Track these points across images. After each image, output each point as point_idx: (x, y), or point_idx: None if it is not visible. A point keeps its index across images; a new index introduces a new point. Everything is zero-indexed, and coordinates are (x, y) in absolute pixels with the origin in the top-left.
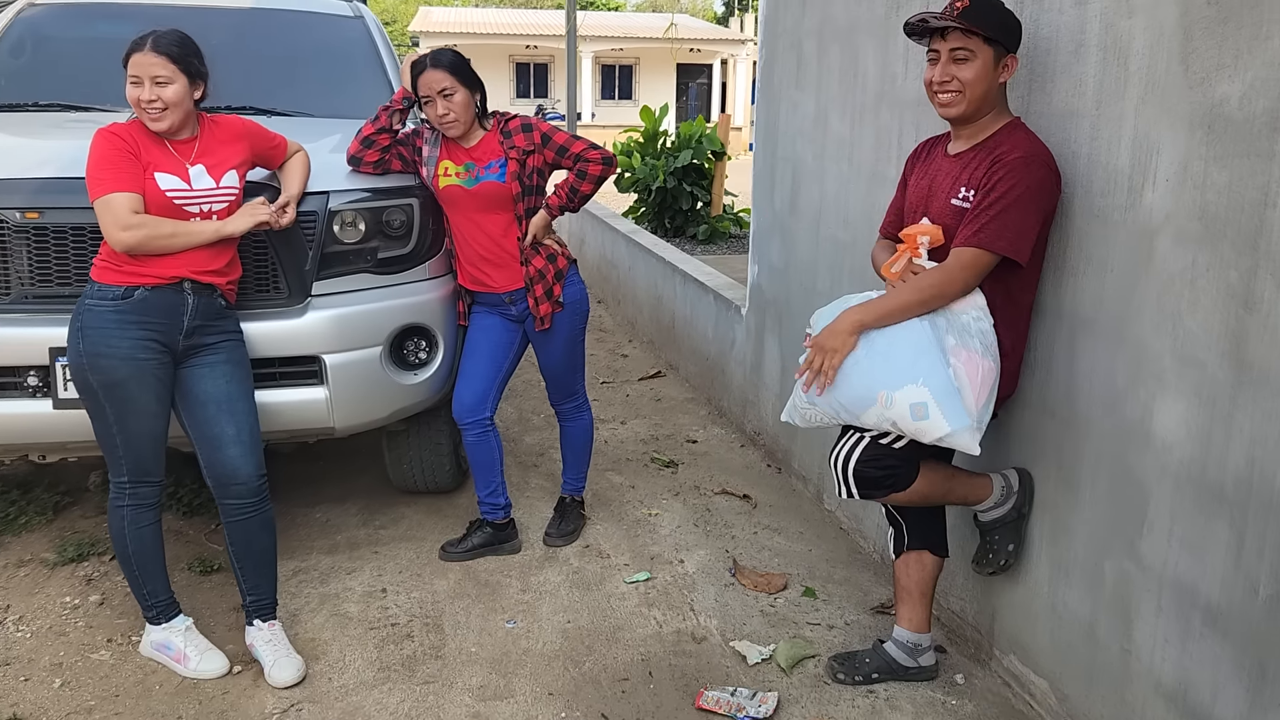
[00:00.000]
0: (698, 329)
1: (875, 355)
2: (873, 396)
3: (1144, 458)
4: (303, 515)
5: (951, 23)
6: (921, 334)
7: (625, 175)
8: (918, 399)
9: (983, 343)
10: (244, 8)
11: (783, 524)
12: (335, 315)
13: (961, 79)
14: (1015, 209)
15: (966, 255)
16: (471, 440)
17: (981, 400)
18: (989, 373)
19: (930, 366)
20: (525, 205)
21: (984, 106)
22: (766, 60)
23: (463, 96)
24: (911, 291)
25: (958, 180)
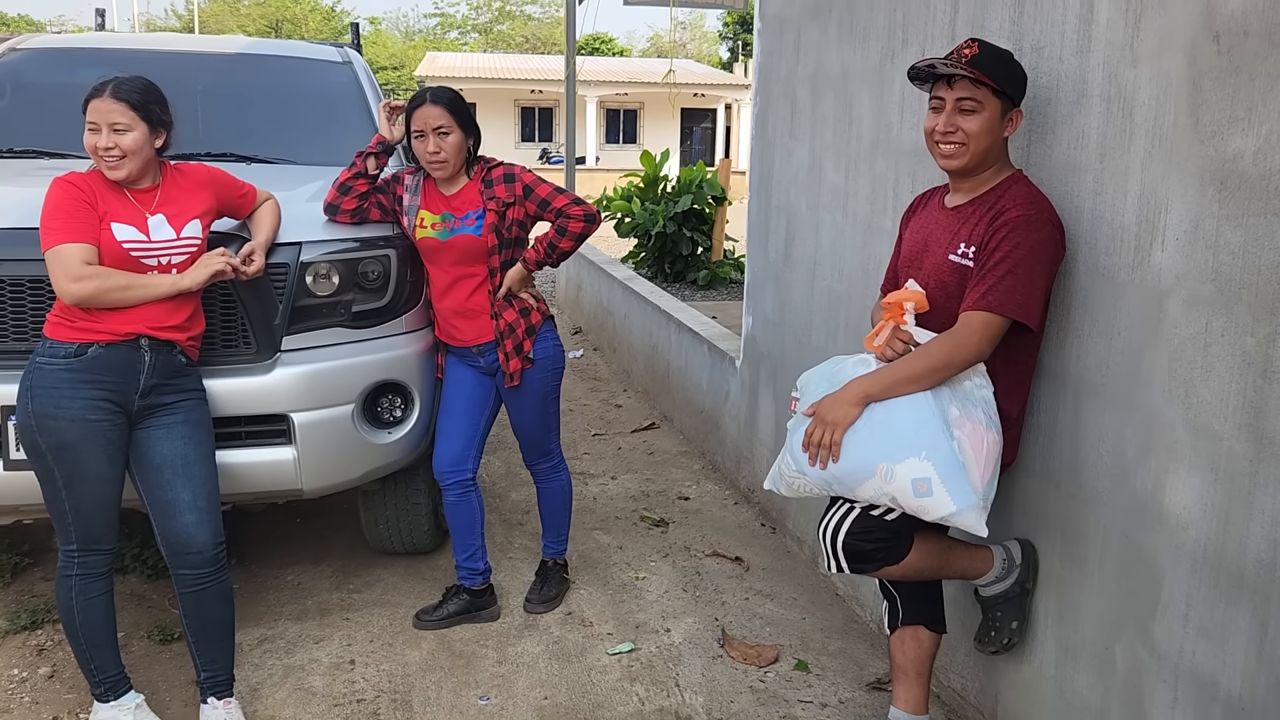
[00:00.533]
0: (692, 380)
1: (874, 425)
2: (871, 469)
3: (1156, 535)
4: (274, 578)
5: (961, 71)
6: (923, 403)
7: (625, 220)
8: (920, 474)
9: (986, 413)
10: (231, 53)
11: (776, 589)
12: (305, 371)
13: (967, 130)
14: (1023, 269)
15: (977, 320)
16: (452, 500)
17: (986, 476)
18: (994, 446)
19: (933, 439)
20: (502, 258)
21: (987, 160)
22: (761, 107)
23: (457, 138)
24: (921, 360)
25: (956, 235)
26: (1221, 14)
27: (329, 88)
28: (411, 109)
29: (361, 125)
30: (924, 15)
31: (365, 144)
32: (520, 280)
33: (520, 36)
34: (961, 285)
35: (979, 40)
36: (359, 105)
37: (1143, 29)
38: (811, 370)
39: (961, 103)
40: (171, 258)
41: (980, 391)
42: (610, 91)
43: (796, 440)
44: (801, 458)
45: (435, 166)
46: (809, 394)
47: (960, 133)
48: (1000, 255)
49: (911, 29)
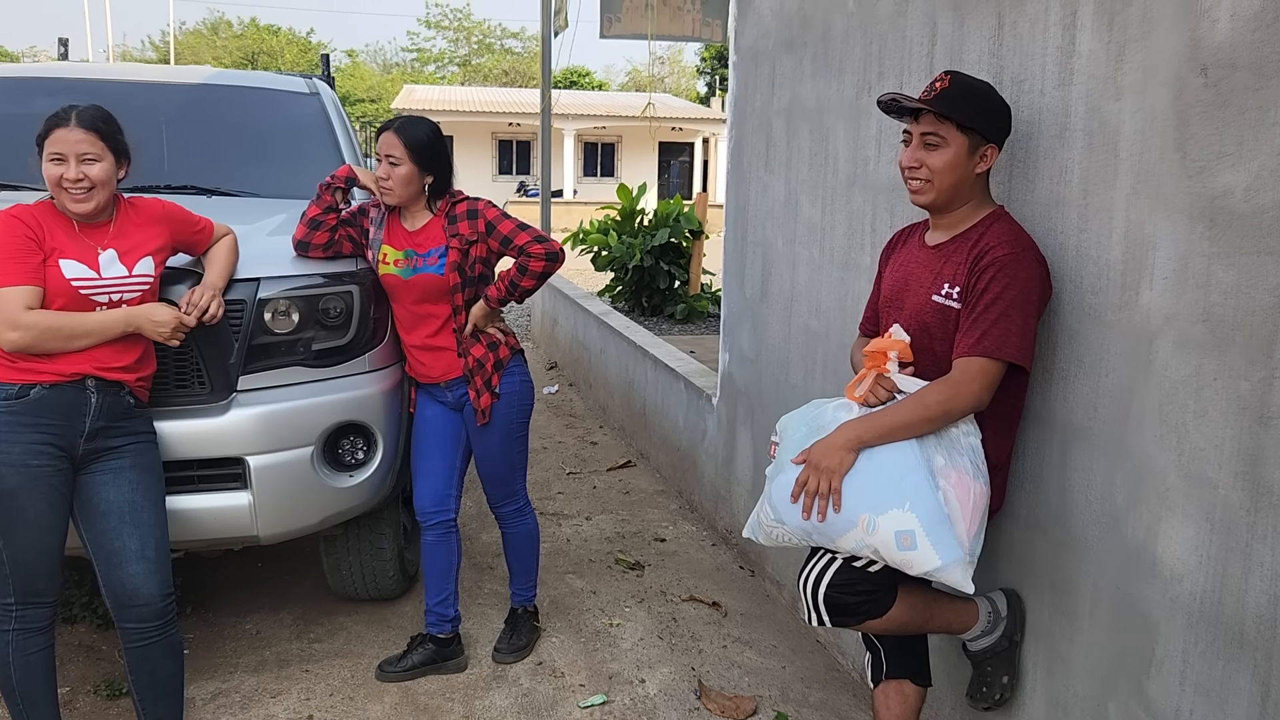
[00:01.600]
0: (669, 417)
1: (856, 473)
2: (853, 520)
3: (1149, 587)
4: (231, 626)
5: (923, 105)
6: (908, 451)
7: (602, 254)
8: (904, 526)
9: (973, 461)
10: (194, 83)
11: (754, 636)
12: (262, 413)
13: (930, 166)
14: (1015, 310)
15: (973, 366)
16: (432, 540)
17: (973, 529)
18: (980, 497)
19: (917, 489)
20: (466, 296)
21: (958, 197)
22: (736, 141)
23: (406, 170)
24: (918, 408)
25: (939, 275)
26: (1208, 46)
27: (296, 119)
28: (378, 133)
29: (329, 158)
30: (900, 48)
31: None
32: (484, 317)
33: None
34: (944, 326)
35: (953, 73)
36: (326, 138)
37: (1125, 61)
38: (791, 414)
39: (926, 137)
40: (123, 295)
41: (967, 439)
42: (588, 125)
43: (777, 488)
44: (780, 506)
45: (382, 193)
46: (789, 439)
47: (925, 169)
48: (991, 297)
49: (888, 61)
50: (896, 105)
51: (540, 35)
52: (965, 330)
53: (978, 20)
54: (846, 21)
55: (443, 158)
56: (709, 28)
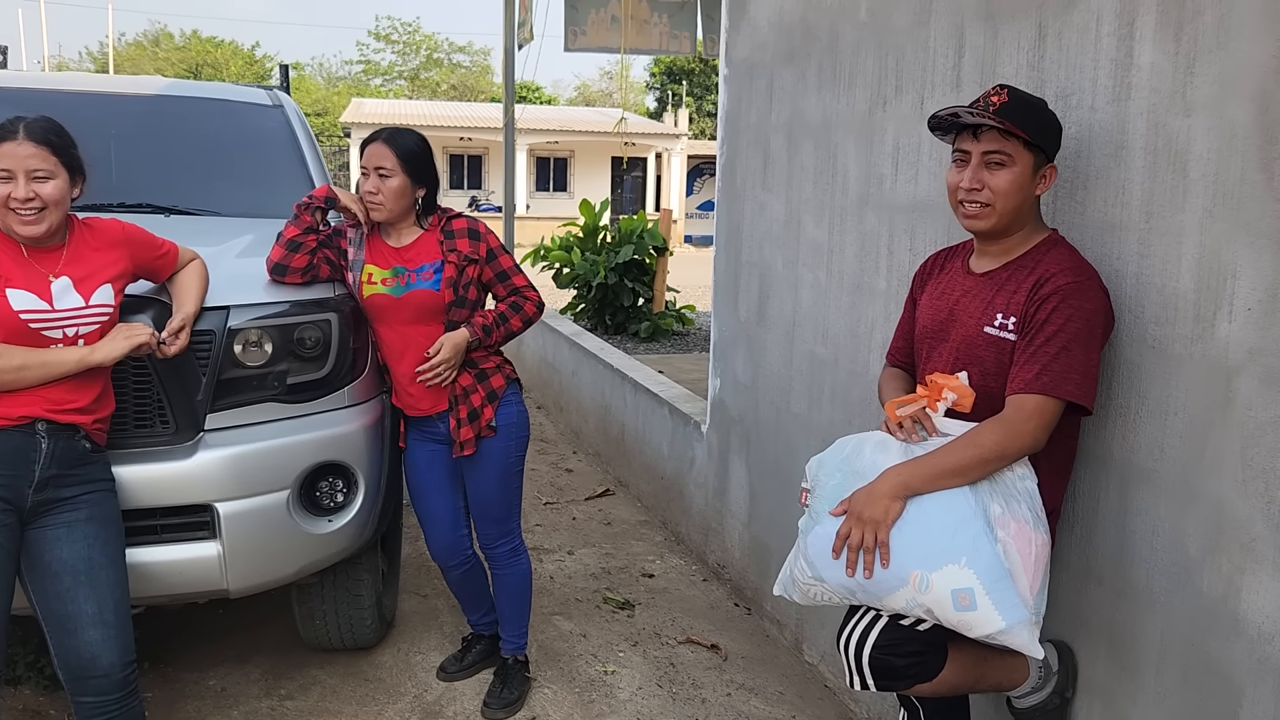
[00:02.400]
0: (651, 444)
1: (905, 524)
2: (903, 577)
3: (1232, 646)
4: (194, 684)
5: (990, 120)
6: (961, 500)
7: (564, 271)
8: (961, 584)
9: (1031, 509)
10: (149, 94)
11: (759, 681)
12: (232, 455)
13: (994, 188)
14: (1078, 345)
15: (1030, 404)
16: (457, 578)
17: (1036, 584)
18: (1042, 548)
19: (974, 542)
20: (460, 316)
21: (1017, 221)
22: (728, 158)
23: (399, 183)
24: (970, 450)
25: (991, 305)
26: None
27: (258, 133)
28: (363, 146)
29: (294, 173)
30: (921, 60)
31: (297, 194)
32: (456, 349)
33: (447, 84)
34: (999, 361)
35: (1009, 87)
36: (291, 152)
37: (1196, 74)
38: (822, 456)
39: (988, 156)
40: (79, 328)
41: (1024, 483)
42: (541, 140)
43: (813, 542)
44: (819, 561)
45: (372, 208)
46: (824, 486)
47: (986, 190)
48: (1052, 329)
49: (906, 75)
50: (952, 122)
51: (503, 48)
52: (1022, 364)
53: (1014, 30)
54: (857, 32)
55: (433, 170)
56: (677, 40)
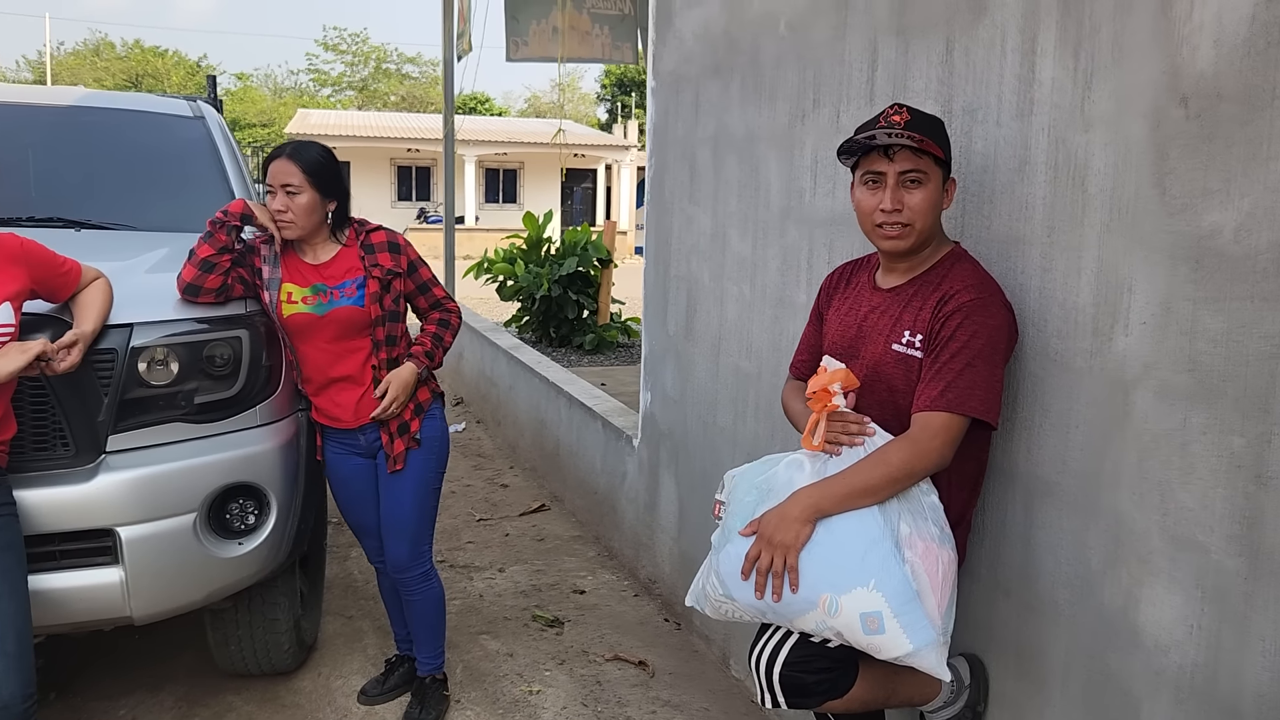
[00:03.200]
0: (585, 459)
1: (814, 546)
2: (812, 600)
3: (1131, 658)
4: (102, 713)
5: (905, 141)
6: (870, 520)
7: (508, 283)
8: (870, 607)
9: (937, 524)
10: (63, 105)
11: (684, 698)
12: (135, 477)
13: (913, 207)
14: (981, 362)
15: (936, 421)
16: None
17: (944, 604)
18: (949, 565)
19: (882, 563)
20: (386, 331)
21: (930, 238)
22: (656, 170)
23: (308, 199)
24: (880, 468)
25: (898, 321)
26: (1189, 74)
27: (178, 145)
28: (268, 162)
29: (215, 186)
30: (838, 74)
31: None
32: (405, 387)
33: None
34: (908, 378)
35: (905, 105)
36: (212, 164)
37: (1094, 91)
38: (741, 471)
39: (905, 176)
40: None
41: (927, 498)
42: (489, 151)
43: (725, 560)
44: (730, 581)
45: (282, 226)
46: (738, 503)
47: (907, 211)
48: (957, 346)
49: (824, 89)
50: (868, 144)
51: (442, 59)
52: (927, 381)
53: (924, 46)
54: (778, 46)
55: (342, 182)
56: (619, 50)
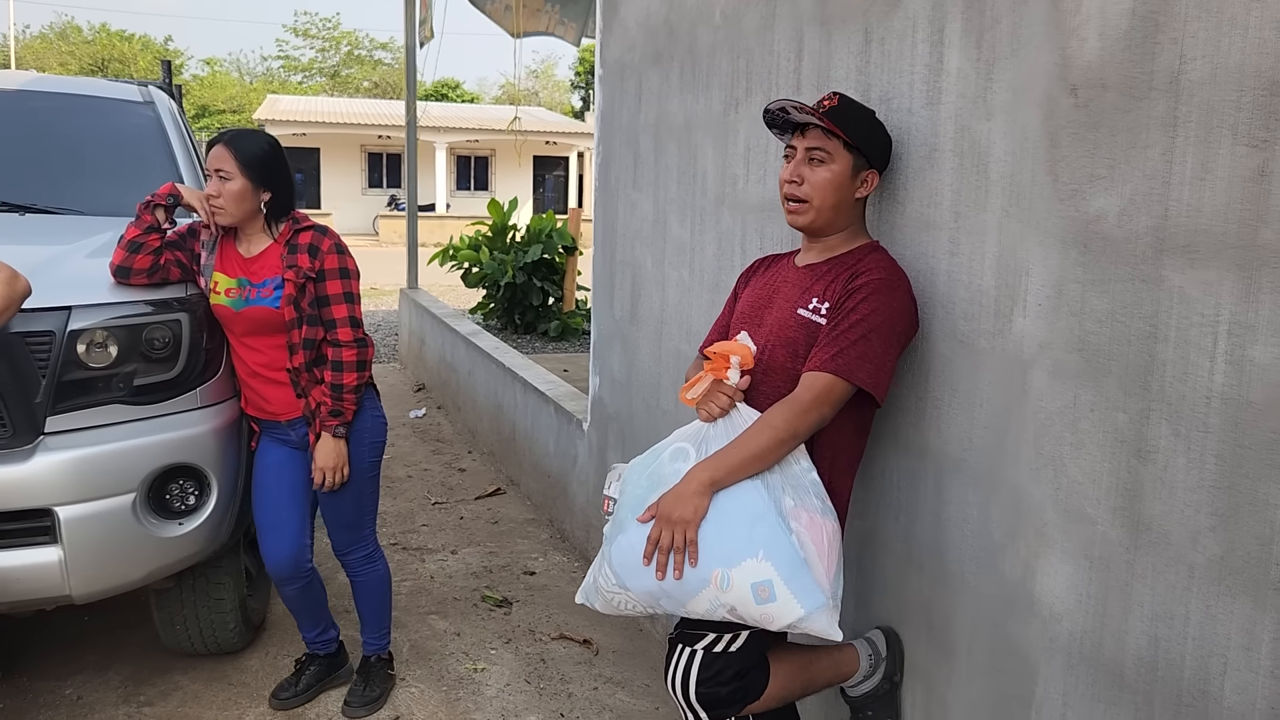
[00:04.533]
0: (539, 443)
1: (704, 525)
2: (705, 577)
3: (1028, 626)
4: (49, 692)
5: (813, 118)
6: (754, 495)
7: (473, 270)
8: (760, 576)
9: (819, 498)
10: (11, 89)
11: (627, 675)
12: (73, 458)
13: (812, 183)
14: (877, 336)
15: (820, 382)
16: (293, 593)
17: (832, 570)
18: (833, 535)
19: (770, 535)
20: (303, 334)
21: (836, 221)
22: (604, 157)
23: (239, 186)
24: (766, 433)
25: (808, 291)
26: (1077, 65)
27: (126, 130)
28: (208, 146)
29: (163, 172)
30: (768, 63)
31: None
32: (332, 456)
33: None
34: (808, 343)
35: (841, 94)
36: (161, 150)
37: (995, 80)
38: (632, 464)
39: (811, 152)
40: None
41: (809, 475)
42: (460, 138)
43: (618, 550)
44: (623, 570)
45: (214, 212)
46: (629, 495)
47: (806, 185)
48: (857, 317)
49: (755, 77)
50: (782, 118)
51: (405, 46)
52: (822, 345)
53: (845, 36)
54: (713, 35)
55: (281, 173)
56: (564, 27)
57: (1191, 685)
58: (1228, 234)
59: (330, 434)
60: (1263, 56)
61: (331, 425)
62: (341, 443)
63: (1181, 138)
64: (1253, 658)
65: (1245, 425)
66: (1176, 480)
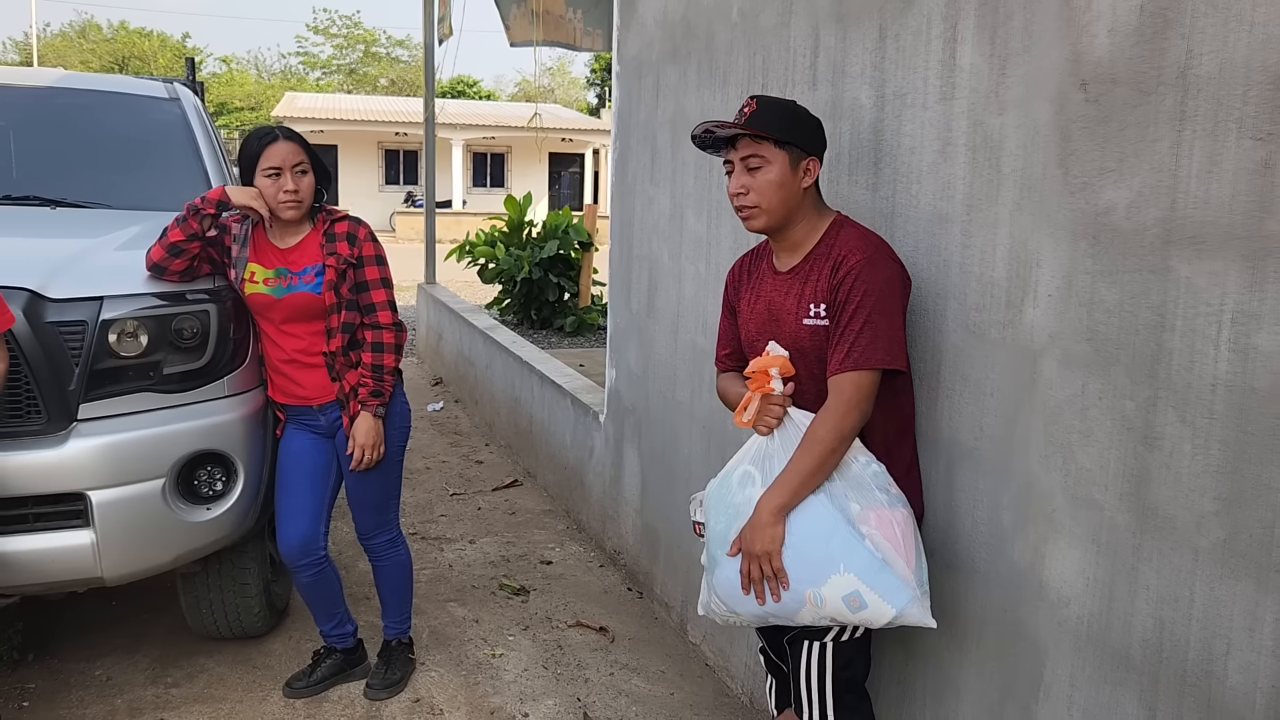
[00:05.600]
0: (556, 435)
1: (793, 548)
2: (800, 598)
3: (1037, 611)
4: (79, 673)
5: (737, 129)
6: (822, 511)
7: (490, 266)
8: (847, 589)
9: (883, 489)
10: (41, 86)
11: (642, 661)
12: (106, 443)
13: (756, 190)
14: (878, 315)
15: (847, 384)
16: (307, 580)
17: (913, 559)
18: (905, 522)
19: (845, 546)
20: (342, 319)
21: (792, 216)
22: (620, 152)
23: (312, 179)
24: (815, 448)
25: (802, 298)
26: (1088, 60)
27: (153, 126)
28: (264, 144)
29: (189, 166)
30: (784, 59)
31: (191, 187)
32: (370, 433)
33: (386, 79)
34: (822, 347)
35: (759, 96)
36: (187, 145)
37: (1008, 75)
38: (708, 494)
39: (746, 162)
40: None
41: (869, 469)
42: (477, 135)
43: (720, 584)
44: (731, 600)
45: (288, 207)
46: (713, 530)
47: (752, 194)
48: (852, 307)
49: (772, 73)
50: (710, 139)
51: (423, 44)
52: (834, 347)
53: (860, 33)
54: (730, 32)
55: (324, 164)
56: (590, 37)
57: (1196, 666)
58: (1234, 225)
59: (371, 413)
60: (1269, 51)
61: (373, 405)
62: (379, 422)
63: (1189, 131)
64: (1255, 639)
65: (1250, 412)
66: (1182, 466)
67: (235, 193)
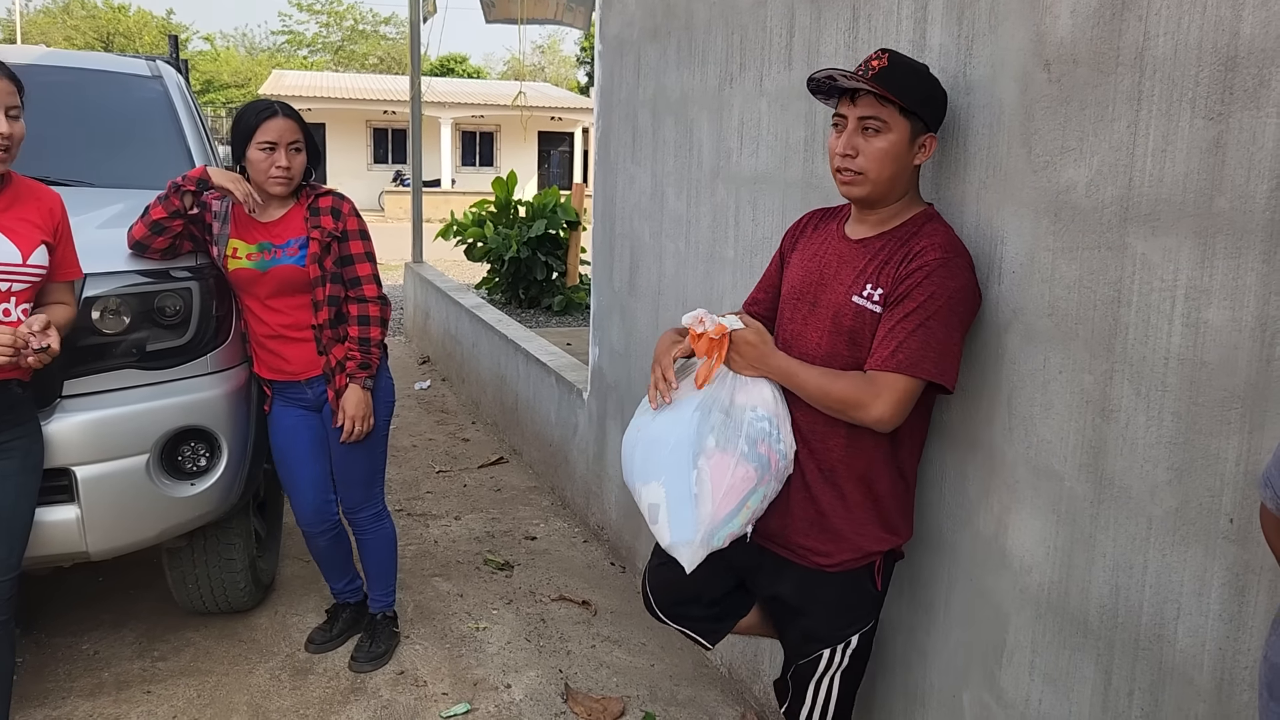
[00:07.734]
0: (540, 412)
1: (647, 440)
2: (631, 483)
3: (1001, 579)
4: (66, 648)
5: (864, 85)
6: (685, 428)
7: (478, 245)
8: (654, 499)
9: (749, 441)
10: (23, 64)
11: (624, 634)
12: (89, 420)
13: (867, 154)
14: (937, 322)
15: (883, 380)
16: (325, 545)
17: (721, 513)
18: (739, 481)
19: (676, 466)
20: (327, 291)
21: (893, 191)
22: (603, 131)
23: (304, 159)
24: (825, 381)
25: (862, 273)
26: (1051, 41)
27: (135, 104)
28: (262, 118)
29: (171, 145)
30: (760, 38)
31: (173, 165)
32: (359, 405)
33: (374, 57)
34: (859, 331)
35: (890, 51)
36: (169, 123)
37: (975, 55)
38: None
39: (864, 122)
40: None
41: (759, 424)
42: (465, 114)
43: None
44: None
45: (277, 182)
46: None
47: (861, 158)
48: (913, 305)
49: (748, 52)
50: (829, 85)
51: (409, 21)
52: (881, 340)
53: (834, 12)
54: (709, 11)
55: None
56: (572, 13)
57: (1148, 630)
58: (1186, 203)
59: (360, 385)
60: (1219, 33)
61: (361, 377)
62: (368, 394)
63: (1145, 111)
64: (1203, 603)
65: (1200, 384)
66: (1137, 437)
67: (216, 174)
